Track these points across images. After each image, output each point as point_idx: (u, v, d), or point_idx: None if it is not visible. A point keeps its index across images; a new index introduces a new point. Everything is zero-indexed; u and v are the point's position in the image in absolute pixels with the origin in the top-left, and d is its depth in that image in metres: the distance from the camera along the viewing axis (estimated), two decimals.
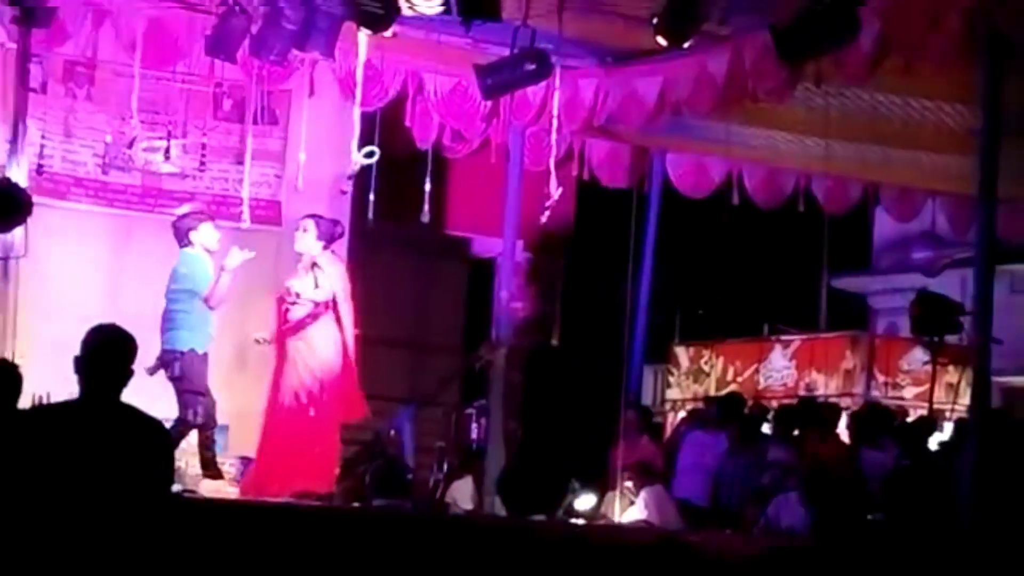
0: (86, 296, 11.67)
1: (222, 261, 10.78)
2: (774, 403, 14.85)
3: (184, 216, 11.10)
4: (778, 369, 16.94)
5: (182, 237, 10.92)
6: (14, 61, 11.19)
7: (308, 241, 10.93)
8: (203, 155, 12.51)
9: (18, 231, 10.96)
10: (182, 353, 10.56)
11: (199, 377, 10.61)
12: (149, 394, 10.46)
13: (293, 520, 8.07)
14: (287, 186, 12.60)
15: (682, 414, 16.41)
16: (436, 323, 16.07)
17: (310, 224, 10.98)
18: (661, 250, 14.35)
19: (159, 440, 5.40)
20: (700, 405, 15.80)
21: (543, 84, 11.58)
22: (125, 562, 5.08)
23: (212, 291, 10.70)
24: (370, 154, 11.66)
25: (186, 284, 10.74)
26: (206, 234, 10.95)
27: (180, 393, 10.53)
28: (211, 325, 10.85)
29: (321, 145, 12.48)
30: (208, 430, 10.76)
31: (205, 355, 10.70)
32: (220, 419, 10.95)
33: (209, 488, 10.58)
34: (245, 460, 11.60)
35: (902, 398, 15.96)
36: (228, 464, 11.11)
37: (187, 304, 10.70)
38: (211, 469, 10.76)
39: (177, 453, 9.09)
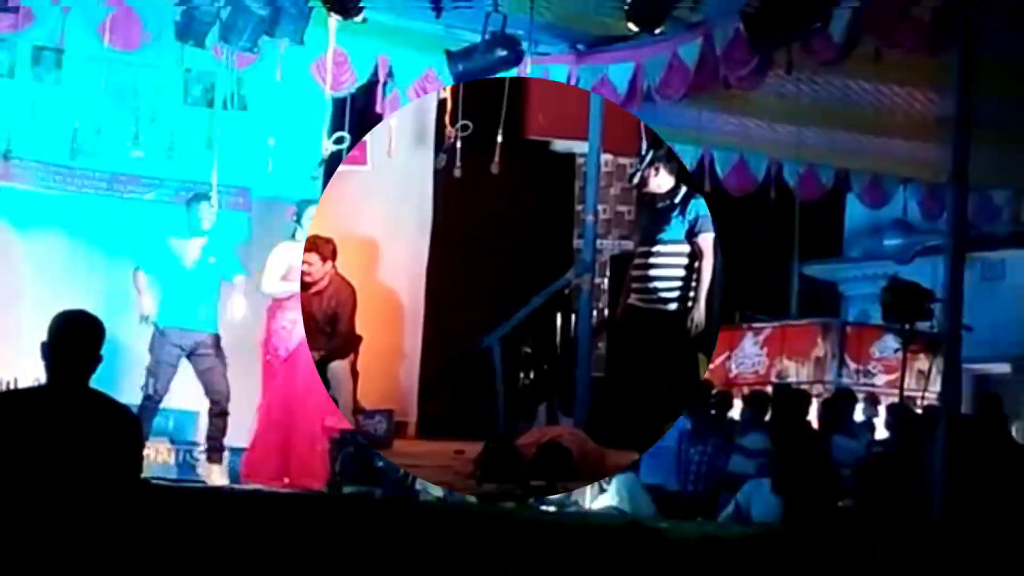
0: (54, 281, 11.60)
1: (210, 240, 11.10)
2: (745, 390, 14.86)
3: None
4: (749, 356, 16.94)
5: None
6: None
7: None
8: (172, 140, 12.46)
9: None
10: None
11: (153, 352, 10.78)
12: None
13: (262, 507, 8.04)
14: (256, 172, 12.53)
15: None
16: None
17: None
18: None
19: (128, 427, 5.36)
20: None
21: (515, 71, 11.54)
22: (93, 549, 5.05)
23: None
24: (340, 140, 11.64)
25: None
26: (194, 213, 11.05)
27: None
28: (181, 304, 10.90)
29: (291, 131, 12.45)
30: (213, 416, 10.85)
31: (169, 331, 10.80)
32: (191, 405, 11.03)
33: (207, 471, 10.70)
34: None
35: (873, 385, 15.97)
36: (196, 451, 11.06)
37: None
38: (214, 454, 10.86)
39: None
